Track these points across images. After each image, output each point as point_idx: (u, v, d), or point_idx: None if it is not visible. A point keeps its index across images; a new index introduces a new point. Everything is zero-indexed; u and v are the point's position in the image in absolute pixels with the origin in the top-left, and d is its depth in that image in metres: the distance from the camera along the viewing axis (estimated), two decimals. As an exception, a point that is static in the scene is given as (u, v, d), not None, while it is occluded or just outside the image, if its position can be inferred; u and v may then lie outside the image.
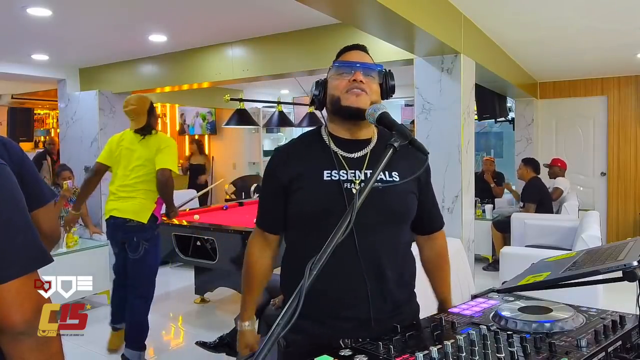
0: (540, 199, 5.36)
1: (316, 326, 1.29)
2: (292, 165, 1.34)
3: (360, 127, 1.36)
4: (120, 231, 3.13)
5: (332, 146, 1.34)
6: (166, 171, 3.06)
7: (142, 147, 3.17)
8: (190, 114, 8.68)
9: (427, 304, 1.45)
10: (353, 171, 1.31)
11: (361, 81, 1.30)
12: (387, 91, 1.38)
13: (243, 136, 8.36)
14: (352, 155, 1.34)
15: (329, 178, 1.29)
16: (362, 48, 1.41)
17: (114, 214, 3.14)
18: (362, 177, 1.30)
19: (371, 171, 1.27)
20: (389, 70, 1.40)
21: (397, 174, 1.34)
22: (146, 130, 3.20)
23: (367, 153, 1.35)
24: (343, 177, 1.30)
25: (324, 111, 1.43)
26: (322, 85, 1.38)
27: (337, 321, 1.28)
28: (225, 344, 3.05)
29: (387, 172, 1.33)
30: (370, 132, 1.39)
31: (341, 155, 1.33)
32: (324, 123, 1.43)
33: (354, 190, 1.28)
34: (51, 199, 1.32)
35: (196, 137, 8.47)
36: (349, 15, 2.57)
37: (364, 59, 1.37)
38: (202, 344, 3.14)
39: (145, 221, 3.09)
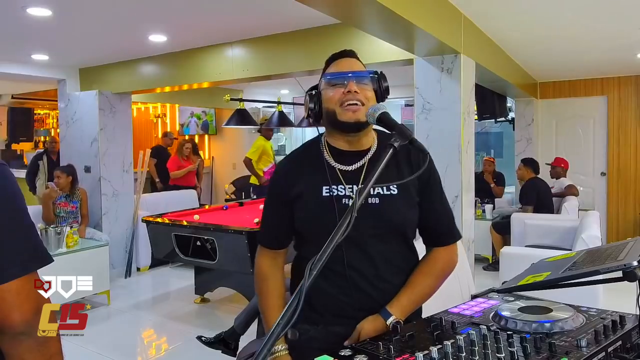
0: (538, 200, 5.35)
1: (327, 320, 1.33)
2: (294, 182, 1.34)
3: (359, 138, 1.34)
4: (250, 188, 6.58)
5: (330, 160, 1.33)
6: (246, 158, 6.47)
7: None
8: (184, 114, 8.68)
9: (426, 305, 1.45)
10: (350, 186, 1.30)
11: (355, 91, 1.27)
12: (381, 94, 1.34)
13: (243, 136, 8.36)
14: (349, 168, 1.32)
15: (328, 194, 1.30)
16: (352, 54, 1.37)
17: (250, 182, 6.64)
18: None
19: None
20: (381, 72, 1.36)
21: (395, 187, 1.31)
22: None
23: (364, 164, 1.32)
24: (341, 192, 1.30)
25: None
26: (316, 97, 1.34)
27: (328, 326, 1.33)
28: (222, 340, 3.05)
29: (384, 188, 1.30)
30: (370, 141, 1.36)
31: (339, 169, 1.32)
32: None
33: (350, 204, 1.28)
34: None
35: (187, 137, 8.45)
36: (349, 15, 2.57)
37: (355, 67, 1.33)
38: (201, 339, 3.15)
39: (258, 183, 6.42)
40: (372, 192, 1.29)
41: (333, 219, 1.21)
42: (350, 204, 1.24)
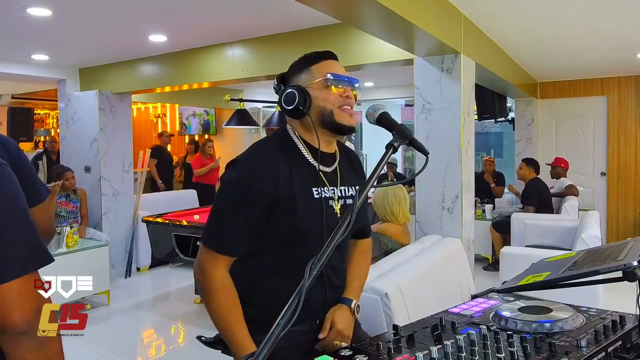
0: (540, 200, 5.35)
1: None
2: (286, 182, 1.26)
3: (335, 140, 1.42)
4: None
5: (311, 160, 1.34)
6: None
7: None
8: (186, 114, 8.69)
9: (426, 305, 1.45)
10: (332, 188, 1.35)
11: (351, 97, 1.34)
12: None
13: (243, 136, 8.37)
14: (328, 170, 1.37)
15: (319, 196, 1.31)
16: (337, 57, 1.41)
17: None
18: (339, 194, 1.36)
19: (345, 187, 1.38)
20: None
21: (357, 187, 1.42)
22: None
23: (336, 167, 1.39)
24: (327, 194, 1.33)
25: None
26: (306, 93, 1.31)
27: (306, 313, 1.30)
28: (222, 340, 3.05)
29: (350, 187, 1.40)
30: (335, 146, 1.44)
31: (320, 170, 1.34)
32: (289, 126, 1.39)
33: (334, 207, 1.33)
34: (47, 196, 1.32)
35: (196, 137, 8.48)
36: (349, 15, 2.57)
37: (345, 72, 1.39)
38: (201, 339, 3.15)
39: None
40: (347, 194, 1.38)
41: (322, 221, 1.28)
42: (333, 205, 1.33)
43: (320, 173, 1.33)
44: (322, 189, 1.32)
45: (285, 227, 1.27)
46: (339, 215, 1.32)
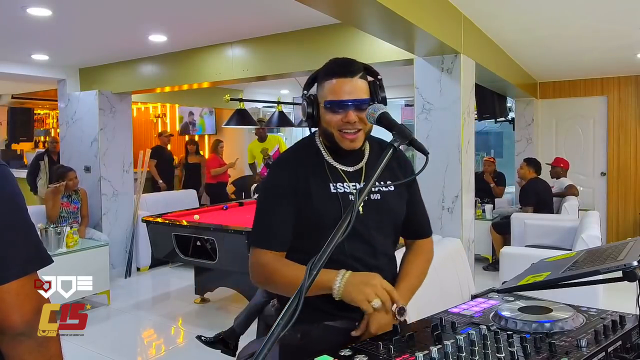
0: (538, 200, 5.35)
1: (327, 317, 1.32)
2: (304, 180, 1.34)
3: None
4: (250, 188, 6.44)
5: (331, 161, 1.37)
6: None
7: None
8: (197, 111, 8.68)
9: (426, 305, 1.45)
10: (354, 184, 1.36)
11: (355, 121, 1.29)
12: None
13: (243, 136, 8.36)
14: (350, 169, 1.38)
15: (335, 190, 1.34)
16: (352, 72, 1.30)
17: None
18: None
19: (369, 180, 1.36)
20: (380, 82, 1.36)
21: (390, 182, 1.40)
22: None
23: (362, 167, 1.40)
24: (347, 189, 1.35)
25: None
26: (315, 102, 1.35)
27: (347, 313, 1.30)
28: (222, 340, 3.05)
29: (381, 182, 1.39)
30: (363, 144, 1.41)
31: (340, 169, 1.37)
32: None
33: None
34: None
35: (196, 137, 8.48)
36: (349, 15, 2.57)
37: (355, 90, 1.29)
38: (200, 338, 3.15)
39: None
40: (373, 189, 1.37)
41: (340, 214, 1.27)
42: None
43: (340, 171, 1.37)
44: (342, 185, 1.34)
45: (304, 221, 1.33)
46: (361, 212, 1.32)
